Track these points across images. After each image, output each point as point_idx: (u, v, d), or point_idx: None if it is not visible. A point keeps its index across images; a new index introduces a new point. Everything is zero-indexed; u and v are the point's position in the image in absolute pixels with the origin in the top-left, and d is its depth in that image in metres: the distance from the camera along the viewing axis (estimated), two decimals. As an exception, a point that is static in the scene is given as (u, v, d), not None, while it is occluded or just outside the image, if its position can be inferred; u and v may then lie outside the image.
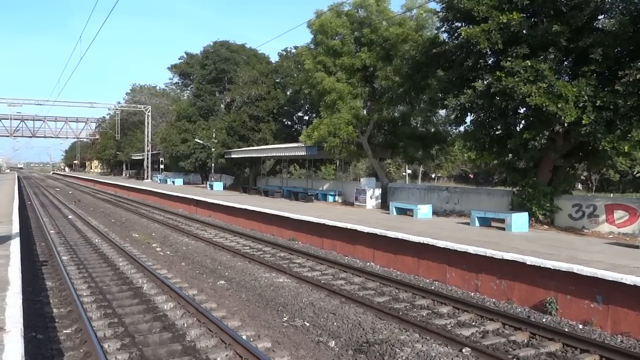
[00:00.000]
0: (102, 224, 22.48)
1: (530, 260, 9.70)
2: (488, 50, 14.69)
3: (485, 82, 14.77)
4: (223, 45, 44.53)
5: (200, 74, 44.92)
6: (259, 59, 42.47)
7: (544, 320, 8.93)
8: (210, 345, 7.39)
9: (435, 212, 19.03)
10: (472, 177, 68.71)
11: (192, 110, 43.77)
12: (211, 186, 38.07)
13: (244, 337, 7.57)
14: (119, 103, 67.52)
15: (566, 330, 8.33)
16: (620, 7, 13.38)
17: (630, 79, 12.13)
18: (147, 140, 55.77)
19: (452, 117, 17.11)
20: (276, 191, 30.56)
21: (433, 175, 70.35)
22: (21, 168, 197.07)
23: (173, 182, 48.35)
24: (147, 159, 56.54)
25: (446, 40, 17.44)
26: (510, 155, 16.55)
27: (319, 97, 23.81)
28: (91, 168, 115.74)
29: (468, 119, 17.00)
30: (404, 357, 7.06)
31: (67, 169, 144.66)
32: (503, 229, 14.69)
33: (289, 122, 40.04)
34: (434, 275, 11.93)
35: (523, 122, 15.71)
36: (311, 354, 7.28)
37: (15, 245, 10.76)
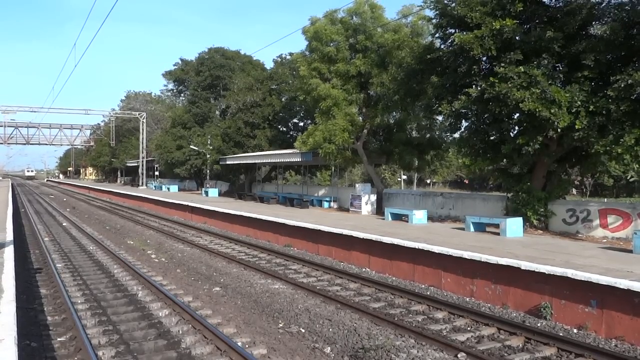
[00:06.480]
0: (96, 231, 22.38)
1: (525, 265, 9.74)
2: (482, 56, 14.78)
3: (479, 88, 14.84)
4: (218, 51, 44.61)
5: (195, 80, 44.95)
6: (254, 66, 42.57)
7: (538, 324, 8.97)
8: (206, 352, 7.37)
9: (430, 218, 19.07)
10: (467, 182, 68.95)
11: (187, 117, 43.75)
12: (206, 193, 37.99)
13: (239, 343, 7.55)
14: (114, 110, 67.54)
15: (561, 334, 8.36)
16: (611, 14, 13.54)
17: (622, 85, 12.25)
18: (142, 147, 55.69)
19: (447, 123, 17.20)
20: (272, 197, 30.53)
21: (428, 181, 70.51)
22: (32, 176, 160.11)
23: (168, 188, 48.21)
24: (142, 165, 56.43)
25: (440, 46, 17.54)
26: (504, 160, 16.63)
27: (314, 103, 23.87)
28: (86, 175, 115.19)
29: (462, 125, 17.09)
30: (399, 363, 7.06)
31: (61, 176, 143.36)
32: (498, 234, 14.74)
33: (284, 129, 40.07)
34: (429, 280, 11.95)
35: (517, 127, 15.81)
36: (307, 360, 7.27)
37: (9, 252, 10.72)
